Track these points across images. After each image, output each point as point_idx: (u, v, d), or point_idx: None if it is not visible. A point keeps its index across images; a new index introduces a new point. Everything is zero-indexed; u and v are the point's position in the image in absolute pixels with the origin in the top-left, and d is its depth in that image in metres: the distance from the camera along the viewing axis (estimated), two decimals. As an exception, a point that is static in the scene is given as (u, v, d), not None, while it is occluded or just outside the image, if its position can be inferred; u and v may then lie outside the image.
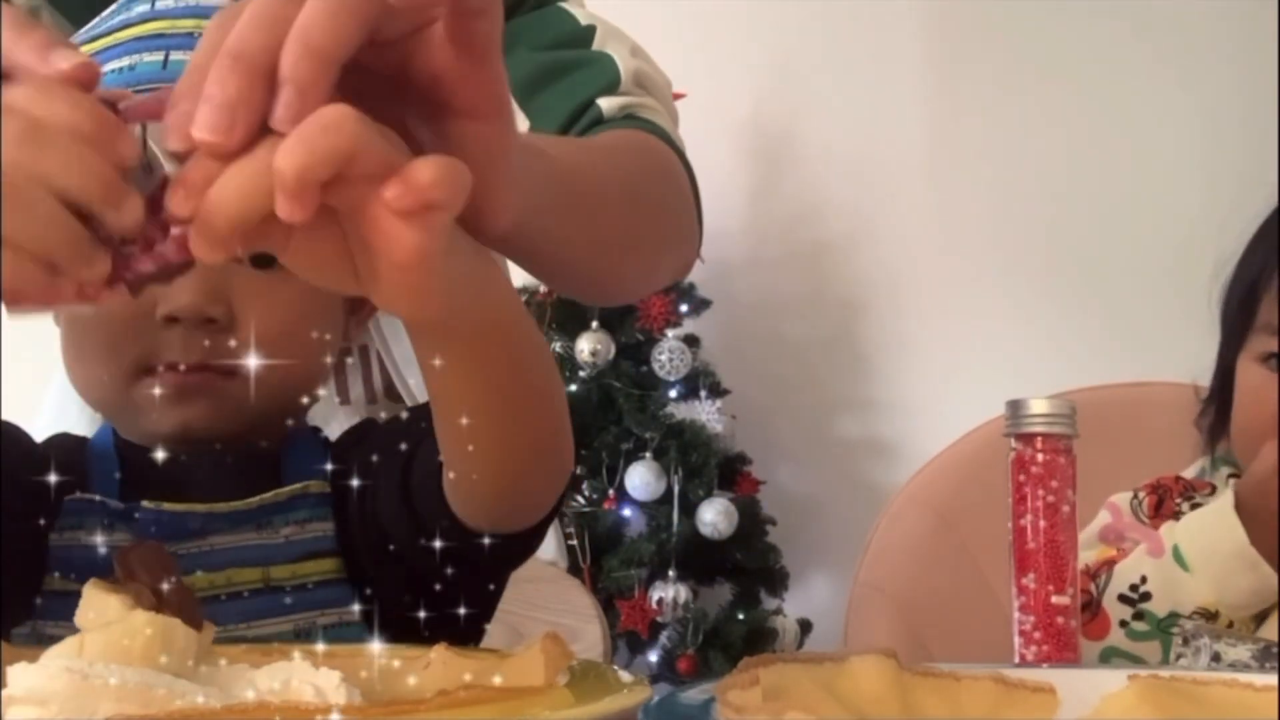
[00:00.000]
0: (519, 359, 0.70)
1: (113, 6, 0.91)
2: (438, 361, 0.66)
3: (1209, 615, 1.05)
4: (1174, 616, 1.05)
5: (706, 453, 2.69)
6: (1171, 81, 3.02)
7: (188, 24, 0.87)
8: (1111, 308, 2.99)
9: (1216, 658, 0.94)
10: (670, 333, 2.73)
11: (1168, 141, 3.02)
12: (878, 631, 1.38)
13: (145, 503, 0.85)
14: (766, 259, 3.08)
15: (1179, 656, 0.98)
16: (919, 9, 3.08)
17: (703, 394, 2.75)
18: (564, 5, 1.09)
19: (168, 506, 0.85)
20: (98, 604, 0.69)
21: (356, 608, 0.85)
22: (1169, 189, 3.00)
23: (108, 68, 0.85)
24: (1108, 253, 3.02)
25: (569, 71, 1.02)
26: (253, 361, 0.85)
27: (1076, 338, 2.97)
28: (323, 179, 0.52)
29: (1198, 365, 1.24)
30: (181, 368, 0.85)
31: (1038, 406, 0.88)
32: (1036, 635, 0.86)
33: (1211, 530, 1.06)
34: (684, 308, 2.78)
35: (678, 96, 1.24)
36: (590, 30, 1.06)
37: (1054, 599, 0.86)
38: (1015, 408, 0.89)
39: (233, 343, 0.85)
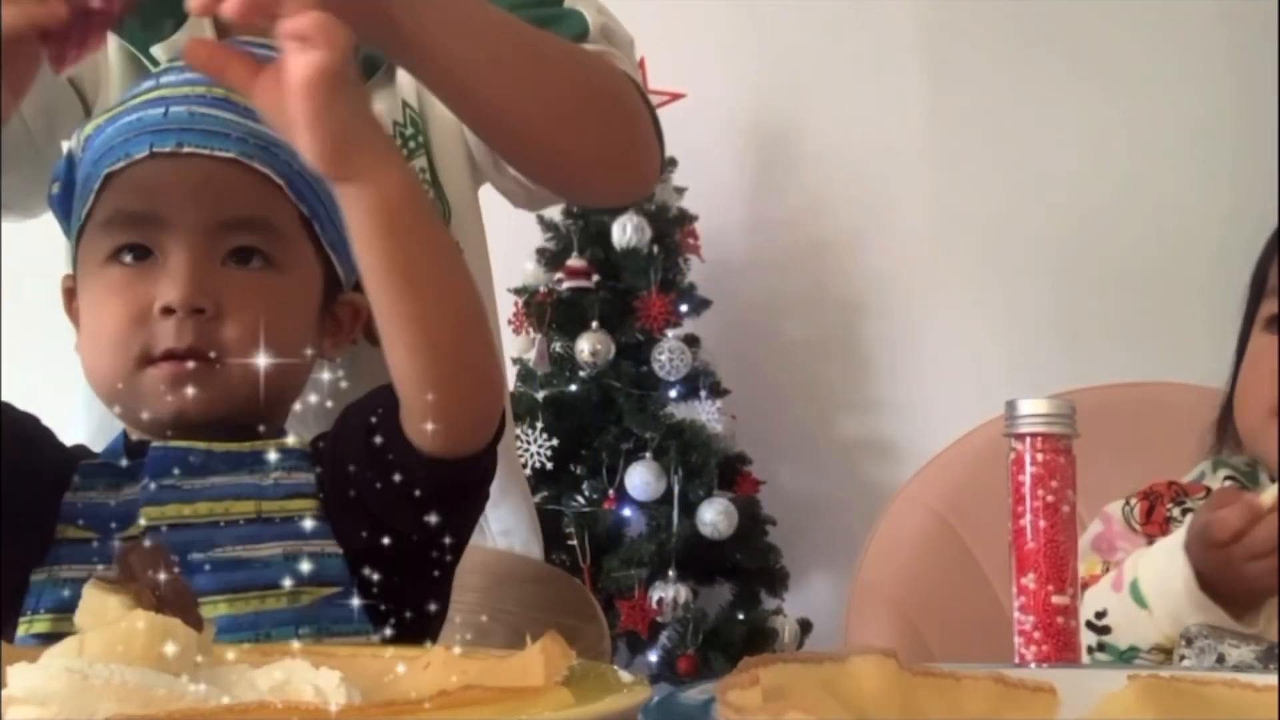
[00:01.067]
0: (424, 236, 0.91)
1: (130, 89, 1.10)
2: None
3: (1166, 651, 1.05)
4: (1134, 650, 1.06)
5: (706, 453, 2.69)
6: (1173, 81, 3.03)
7: (185, 89, 1.04)
8: (1111, 308, 2.99)
9: (1221, 659, 0.95)
10: (670, 333, 2.74)
11: (1169, 141, 3.02)
12: (878, 631, 1.38)
13: (154, 442, 0.98)
14: (766, 259, 3.08)
15: (1182, 658, 0.99)
16: (919, 9, 3.08)
17: (703, 394, 2.75)
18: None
19: (174, 443, 0.98)
20: (97, 604, 0.69)
21: (334, 545, 0.96)
22: (1170, 189, 3.00)
23: (119, 123, 1.04)
24: (1108, 253, 3.02)
25: (541, 24, 1.14)
26: (236, 349, 0.99)
27: (1076, 338, 2.97)
28: None
29: (1198, 365, 1.24)
30: (178, 354, 0.98)
31: (1037, 406, 0.88)
32: (1036, 635, 0.86)
33: (1164, 569, 1.05)
34: (684, 308, 2.78)
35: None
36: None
37: (1054, 599, 0.86)
38: (1015, 408, 0.89)
39: (220, 331, 0.99)
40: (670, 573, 2.63)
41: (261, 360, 0.99)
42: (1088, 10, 3.03)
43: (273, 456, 0.99)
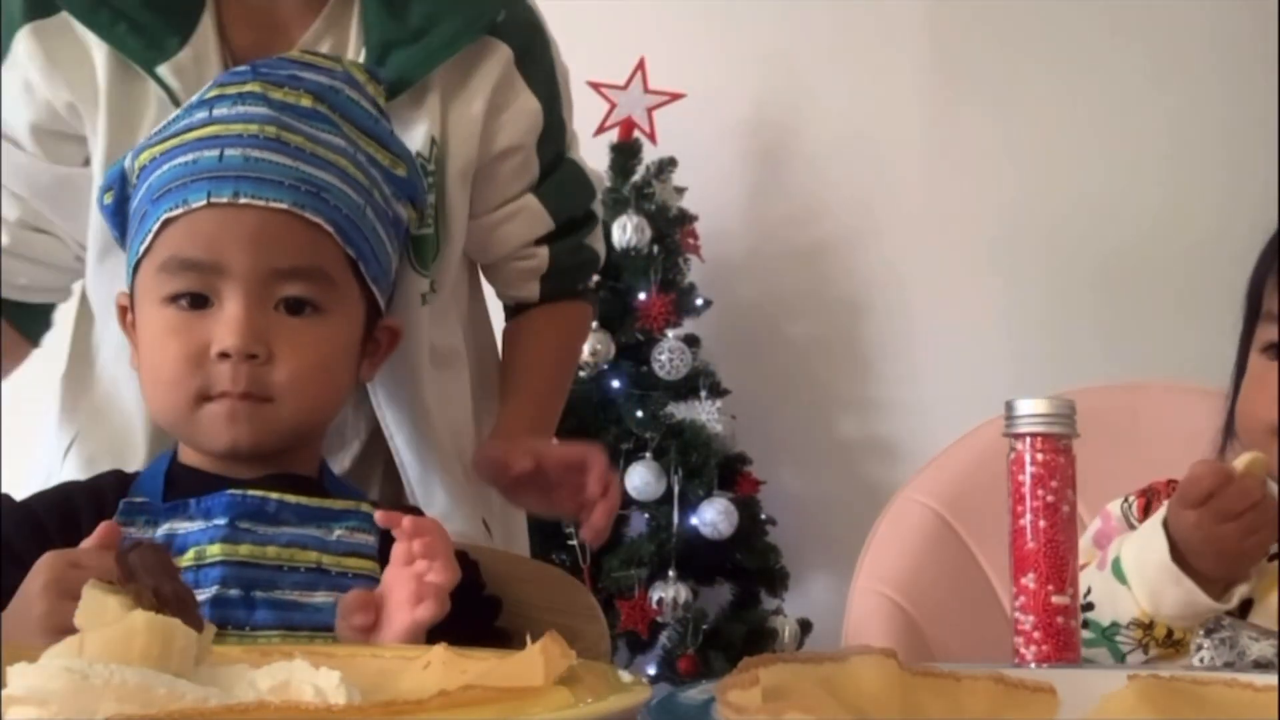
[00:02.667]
0: None
1: (176, 112, 1.14)
2: None
3: (1144, 625, 1.06)
4: (1115, 626, 1.07)
5: (706, 453, 2.69)
6: (1175, 80, 3.02)
7: (238, 127, 1.09)
8: (1111, 308, 2.99)
9: (1241, 654, 0.95)
10: (670, 333, 2.73)
11: (1170, 141, 3.02)
12: (878, 631, 1.38)
13: (230, 490, 1.05)
14: (767, 259, 3.08)
15: (1199, 647, 0.99)
16: (919, 8, 3.08)
17: (703, 394, 2.75)
18: (579, 165, 1.42)
19: (252, 491, 1.05)
20: (97, 605, 0.69)
21: None
22: (1171, 189, 3.00)
23: (175, 162, 1.09)
24: (1108, 253, 3.02)
25: (575, 270, 1.44)
26: (286, 391, 1.07)
27: (1076, 338, 2.97)
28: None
29: (1198, 366, 1.24)
30: (232, 395, 1.06)
31: (1037, 406, 0.88)
32: (1036, 635, 0.86)
33: (1143, 545, 1.07)
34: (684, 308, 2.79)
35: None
36: (594, 220, 1.45)
37: (1054, 599, 0.86)
38: (1014, 408, 0.89)
39: (271, 375, 1.06)
40: (670, 573, 2.63)
41: (307, 393, 1.08)
42: (1088, 10, 3.03)
43: (339, 515, 1.08)
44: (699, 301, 2.81)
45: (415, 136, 1.26)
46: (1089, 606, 1.08)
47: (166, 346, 1.07)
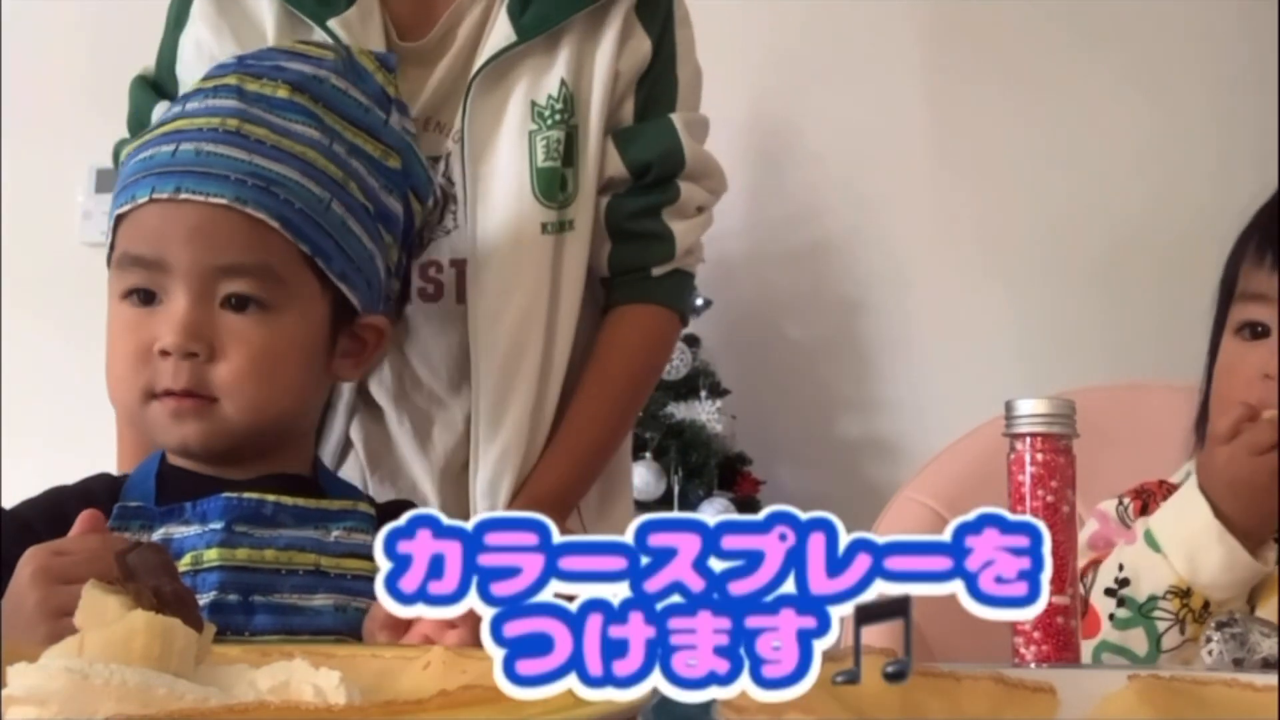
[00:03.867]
0: None
1: (166, 110, 1.15)
2: None
3: (1182, 593, 1.06)
4: (1153, 600, 1.07)
5: (706, 453, 2.69)
6: (1175, 80, 3.02)
7: (200, 121, 1.09)
8: (1111, 308, 2.99)
9: (1251, 650, 0.95)
10: (670, 333, 2.73)
11: (1171, 141, 3.02)
12: (878, 631, 1.38)
13: (226, 493, 1.04)
14: (766, 259, 3.08)
15: (1209, 639, 0.99)
16: (919, 9, 3.08)
17: (703, 394, 2.75)
18: (676, 125, 1.37)
19: (248, 494, 1.04)
20: (97, 604, 0.69)
21: None
22: (1171, 188, 3.00)
23: (137, 158, 1.10)
24: (1108, 252, 3.02)
25: (643, 239, 1.37)
26: (229, 390, 1.06)
27: (1076, 338, 2.97)
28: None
29: (1198, 366, 1.24)
30: (175, 393, 1.05)
31: (1037, 406, 0.88)
32: (1036, 635, 0.86)
33: (1179, 510, 1.07)
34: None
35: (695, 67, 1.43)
36: (676, 193, 1.38)
37: (1054, 599, 0.86)
38: (1014, 408, 0.89)
39: (212, 374, 1.05)
40: (670, 573, 2.63)
41: (256, 392, 1.06)
42: (1089, 10, 3.03)
43: (337, 515, 1.07)
44: (699, 301, 2.81)
45: (548, 79, 1.31)
46: (1124, 583, 1.07)
47: (117, 342, 1.08)
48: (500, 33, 1.31)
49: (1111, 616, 1.07)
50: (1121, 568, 1.08)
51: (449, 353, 1.32)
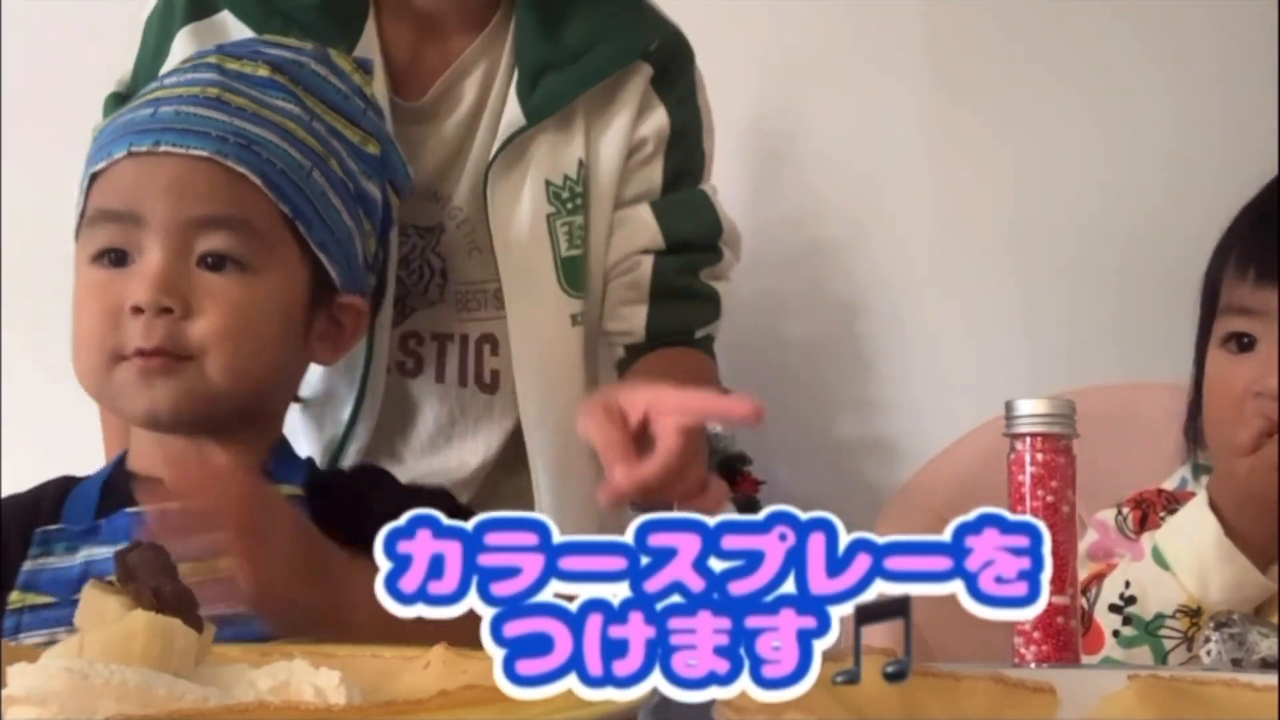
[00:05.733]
0: None
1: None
2: None
3: (1191, 612, 1.06)
4: (1160, 618, 1.06)
5: (706, 453, 2.69)
6: (1177, 80, 3.02)
7: (180, 89, 1.06)
8: (1112, 308, 2.99)
9: (1249, 650, 0.95)
10: (670, 333, 2.73)
11: (1172, 141, 3.02)
12: (878, 631, 1.38)
13: (127, 509, 0.98)
14: (766, 259, 3.08)
15: (1207, 640, 0.99)
16: (919, 10, 3.08)
17: (703, 394, 2.75)
18: (710, 198, 1.35)
19: (145, 508, 0.96)
20: (97, 605, 0.69)
21: None
22: (1172, 189, 3.00)
23: (115, 123, 1.05)
24: (1109, 253, 3.02)
25: (687, 298, 1.33)
26: (207, 348, 0.99)
27: (1076, 338, 2.97)
28: None
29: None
30: (146, 352, 0.98)
31: (1037, 407, 0.88)
32: (1036, 635, 0.86)
33: (1188, 528, 1.07)
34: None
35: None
36: (719, 257, 1.36)
37: (1054, 599, 0.86)
38: (1014, 408, 0.89)
39: (188, 330, 0.99)
40: (670, 573, 2.63)
41: (233, 356, 0.99)
42: (1090, 10, 3.03)
43: None
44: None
45: (565, 159, 1.26)
46: (1131, 600, 1.07)
47: (86, 305, 1.02)
48: (510, 115, 1.26)
49: (1116, 633, 1.07)
50: (1128, 585, 1.08)
51: (424, 427, 1.29)
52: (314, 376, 1.25)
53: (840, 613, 0.54)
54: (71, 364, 1.04)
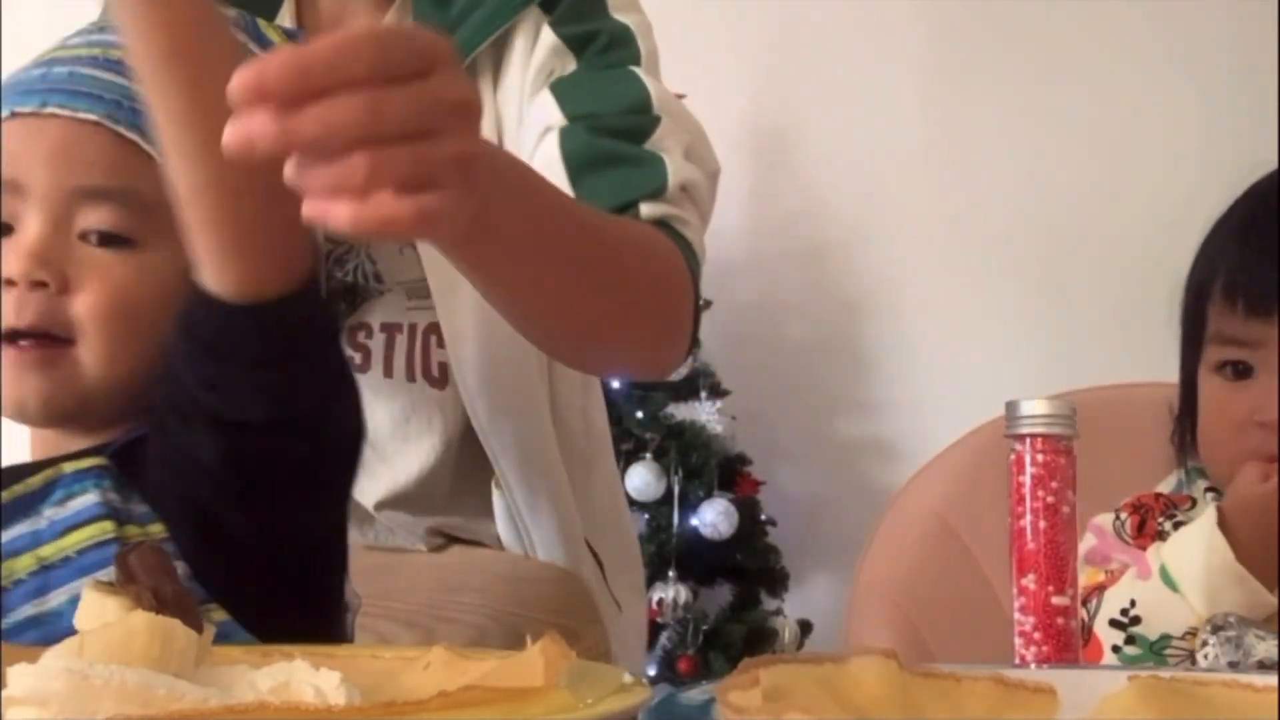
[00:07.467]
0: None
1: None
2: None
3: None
4: (1166, 639, 1.05)
5: (706, 453, 2.69)
6: (1175, 81, 3.02)
7: (80, 50, 0.96)
8: (1112, 308, 2.99)
9: (1247, 653, 0.94)
10: (670, 333, 2.73)
11: (1171, 141, 3.02)
12: (878, 632, 1.38)
13: None
14: (766, 259, 3.08)
15: (1204, 643, 0.98)
16: (918, 10, 3.08)
17: (703, 394, 2.75)
18: (637, 71, 1.16)
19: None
20: (97, 605, 0.69)
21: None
22: (1172, 189, 3.00)
23: (8, 85, 0.95)
24: (1109, 253, 3.02)
25: (620, 164, 1.09)
26: (90, 329, 0.90)
27: (1076, 338, 2.97)
28: None
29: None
30: (19, 332, 0.89)
31: (1037, 407, 0.88)
32: (1036, 636, 0.86)
33: (1197, 549, 1.05)
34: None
35: (677, 97, 1.27)
36: (654, 121, 1.12)
37: (1054, 600, 0.86)
38: (1014, 408, 0.89)
39: (68, 307, 0.89)
40: (670, 573, 2.63)
41: (115, 342, 0.90)
42: (1090, 11, 3.03)
43: (43, 492, 0.89)
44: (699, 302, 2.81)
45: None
46: (1136, 620, 1.06)
47: None
48: None
49: (1116, 649, 1.06)
50: (1134, 604, 1.07)
51: (381, 427, 1.21)
52: None
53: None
54: None
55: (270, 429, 0.85)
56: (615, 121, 1.12)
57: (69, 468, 0.89)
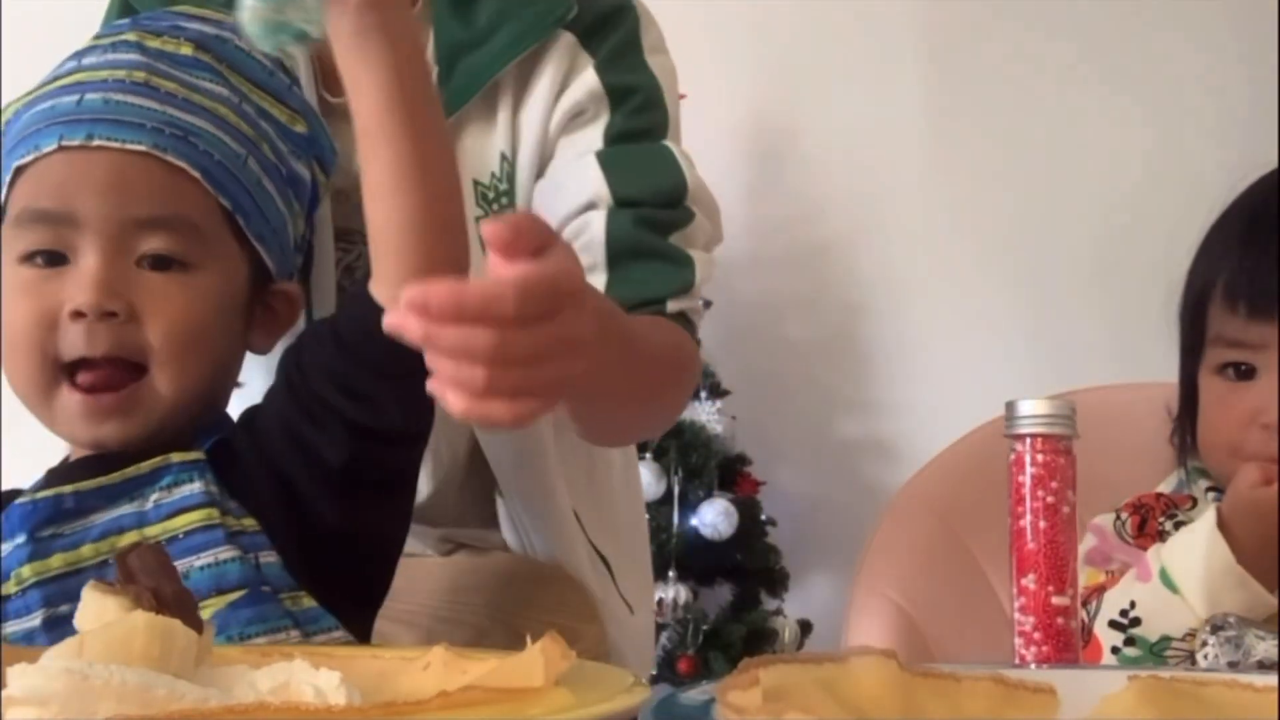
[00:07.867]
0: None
1: (54, 69, 1.05)
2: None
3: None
4: (1166, 640, 1.05)
5: (706, 453, 2.69)
6: (1176, 81, 3.02)
7: (104, 73, 1.00)
8: (1112, 308, 2.99)
9: (1246, 653, 0.94)
10: (670, 333, 2.73)
11: (1172, 141, 3.02)
12: (878, 632, 1.38)
13: (18, 500, 0.95)
14: (766, 259, 3.08)
15: (1204, 644, 0.98)
16: (919, 10, 3.08)
17: (703, 394, 2.75)
18: (673, 151, 1.23)
19: (42, 493, 0.95)
20: (97, 605, 0.70)
21: (229, 551, 0.93)
22: (1172, 189, 3.00)
23: (33, 110, 1.00)
24: (1108, 253, 3.02)
25: (654, 259, 1.18)
26: (162, 355, 0.96)
27: (1076, 338, 2.97)
28: None
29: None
30: (94, 361, 0.94)
31: (1037, 407, 0.88)
32: (1036, 636, 0.86)
33: (1197, 551, 1.05)
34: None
35: (680, 98, 1.28)
36: (689, 216, 1.20)
37: (1054, 600, 0.86)
38: (1015, 408, 0.89)
39: (140, 335, 0.95)
40: (670, 573, 2.63)
41: (187, 363, 0.96)
42: (1090, 10, 3.03)
43: (149, 478, 0.95)
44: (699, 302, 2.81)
45: (489, 155, 1.19)
46: (1136, 621, 1.06)
47: (17, 307, 0.96)
48: None
49: (1115, 650, 1.06)
50: (1134, 605, 1.07)
51: None
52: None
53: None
54: (5, 374, 1.00)
55: (398, 438, 0.96)
56: (656, 215, 1.18)
57: (177, 458, 0.95)
